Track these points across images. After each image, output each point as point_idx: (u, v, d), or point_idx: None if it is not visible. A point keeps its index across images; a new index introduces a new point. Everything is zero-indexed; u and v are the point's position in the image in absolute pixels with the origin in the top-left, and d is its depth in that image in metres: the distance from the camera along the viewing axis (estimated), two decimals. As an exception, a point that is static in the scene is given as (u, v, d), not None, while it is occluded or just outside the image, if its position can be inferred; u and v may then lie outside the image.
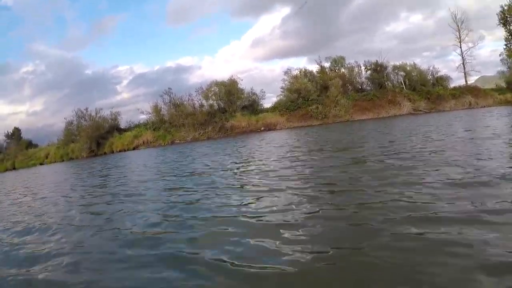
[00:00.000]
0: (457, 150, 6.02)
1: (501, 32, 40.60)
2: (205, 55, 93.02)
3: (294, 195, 4.00)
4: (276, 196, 4.12)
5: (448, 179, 3.81)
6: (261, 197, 4.17)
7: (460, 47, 43.16)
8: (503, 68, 42.13)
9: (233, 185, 5.41)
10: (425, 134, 9.68)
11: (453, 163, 4.71)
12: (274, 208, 3.58)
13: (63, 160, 37.52)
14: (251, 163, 7.91)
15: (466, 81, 43.13)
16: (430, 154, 5.83)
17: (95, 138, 35.72)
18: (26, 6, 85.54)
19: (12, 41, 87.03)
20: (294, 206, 3.52)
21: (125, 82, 76.91)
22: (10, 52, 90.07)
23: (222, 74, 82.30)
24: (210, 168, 8.02)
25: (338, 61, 37.41)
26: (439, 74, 41.36)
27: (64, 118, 38.39)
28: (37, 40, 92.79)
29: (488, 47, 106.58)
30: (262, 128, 32.71)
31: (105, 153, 35.31)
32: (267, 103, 37.59)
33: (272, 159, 8.34)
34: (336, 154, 7.60)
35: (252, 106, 34.70)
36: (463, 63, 43.39)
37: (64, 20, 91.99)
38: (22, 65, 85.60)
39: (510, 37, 40.39)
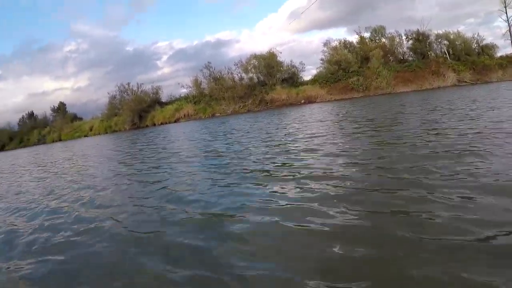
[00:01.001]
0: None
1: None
2: (243, 29, 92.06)
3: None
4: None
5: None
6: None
7: (506, 13, 40.42)
8: (556, 35, 39.37)
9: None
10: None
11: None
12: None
13: (106, 132, 39.25)
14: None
15: (513, 49, 40.92)
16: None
17: (137, 112, 36.93)
18: None
19: (55, 22, 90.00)
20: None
21: (165, 57, 78.33)
22: (54, 32, 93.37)
23: (261, 47, 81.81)
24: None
25: (378, 31, 36.17)
26: (485, 42, 39.15)
27: (108, 93, 39.84)
28: (79, 20, 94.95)
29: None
30: (302, 101, 32.72)
31: (147, 126, 36.58)
32: (307, 76, 37.30)
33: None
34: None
35: (292, 79, 34.55)
36: (509, 30, 40.84)
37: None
38: (65, 44, 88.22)
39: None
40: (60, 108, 46.30)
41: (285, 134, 8.57)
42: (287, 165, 4.65)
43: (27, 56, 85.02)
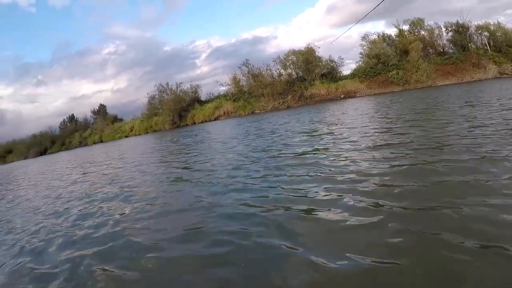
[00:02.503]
0: None
1: None
2: (280, 25, 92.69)
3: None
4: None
5: None
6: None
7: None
8: None
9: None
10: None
11: None
12: None
13: (147, 132, 40.40)
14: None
15: (557, 39, 39.62)
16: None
17: (177, 111, 37.88)
18: None
19: (91, 26, 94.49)
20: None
21: (203, 56, 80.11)
22: (91, 36, 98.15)
23: (298, 42, 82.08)
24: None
25: (417, 23, 35.83)
26: (526, 33, 38.07)
27: (147, 93, 41.11)
28: (115, 22, 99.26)
29: None
30: (342, 96, 32.79)
31: (187, 125, 37.45)
32: (346, 70, 37.33)
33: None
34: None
35: (331, 74, 34.70)
36: (551, 20, 39.72)
37: (138, 1, 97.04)
38: (103, 47, 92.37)
39: None
40: (101, 110, 48.16)
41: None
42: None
43: (65, 61, 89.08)
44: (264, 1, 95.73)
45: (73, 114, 52.13)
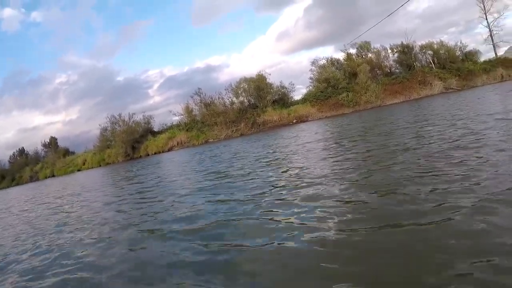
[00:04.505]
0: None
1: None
2: (233, 53, 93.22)
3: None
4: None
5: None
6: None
7: (486, 19, 41.70)
8: (534, 36, 40.64)
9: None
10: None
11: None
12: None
13: (100, 165, 38.81)
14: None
15: (495, 53, 41.94)
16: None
17: (130, 143, 36.66)
18: (54, 20, 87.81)
19: (44, 54, 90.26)
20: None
21: (156, 85, 78.72)
22: (43, 65, 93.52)
23: (250, 70, 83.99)
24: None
25: (364, 47, 36.78)
26: (468, 49, 40.15)
27: (99, 125, 39.51)
28: (68, 51, 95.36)
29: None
30: (294, 121, 32.84)
31: (140, 157, 36.22)
32: (297, 95, 37.63)
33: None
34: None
35: (282, 100, 34.74)
36: (490, 35, 42.02)
37: (92, 30, 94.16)
38: (56, 76, 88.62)
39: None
40: (52, 143, 45.88)
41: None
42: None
43: (17, 89, 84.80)
44: (217, 30, 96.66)
45: (23, 147, 49.52)
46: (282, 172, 6.13)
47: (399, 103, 31.78)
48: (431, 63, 37.64)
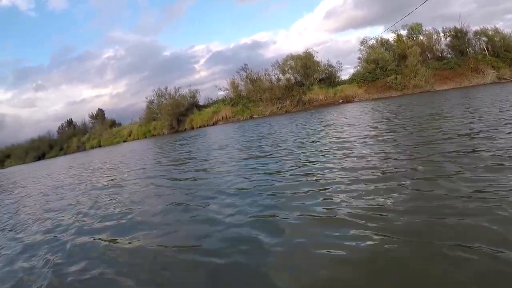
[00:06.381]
0: None
1: None
2: (279, 30, 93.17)
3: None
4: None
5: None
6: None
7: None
8: None
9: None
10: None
11: None
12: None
13: (145, 137, 40.25)
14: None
15: (555, 44, 39.78)
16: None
17: (176, 115, 37.76)
18: None
19: (91, 30, 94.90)
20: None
21: (202, 60, 80.00)
22: (91, 41, 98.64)
23: (297, 47, 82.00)
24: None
25: (415, 29, 35.93)
26: (525, 37, 38.23)
27: (145, 98, 40.97)
28: (114, 28, 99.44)
29: None
30: (341, 101, 32.76)
31: (185, 129, 37.30)
32: (344, 75, 37.27)
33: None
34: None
35: (329, 79, 34.66)
36: (549, 25, 39.93)
37: (137, 6, 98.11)
38: (103, 52, 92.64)
39: None
40: (99, 115, 48.08)
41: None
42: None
43: (65, 65, 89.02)
44: (264, 7, 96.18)
45: (71, 119, 52.09)
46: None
47: (449, 90, 31.01)
48: (484, 50, 36.23)
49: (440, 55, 36.12)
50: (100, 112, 48.25)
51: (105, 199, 5.48)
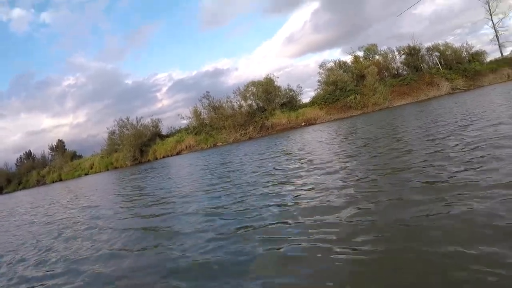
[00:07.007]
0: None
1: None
2: (241, 56, 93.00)
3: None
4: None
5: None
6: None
7: (492, 20, 41.94)
8: (539, 34, 41.02)
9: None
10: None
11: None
12: None
13: (107, 169, 38.84)
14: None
15: (501, 53, 42.17)
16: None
17: (138, 146, 36.66)
18: (63, 21, 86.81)
19: (52, 56, 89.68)
20: None
21: (164, 89, 78.33)
22: (51, 67, 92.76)
23: (259, 73, 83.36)
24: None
25: (371, 49, 36.87)
26: (474, 50, 40.26)
27: (107, 128, 39.53)
28: (77, 53, 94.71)
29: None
30: (303, 124, 32.90)
31: (149, 160, 36.24)
32: (305, 98, 37.72)
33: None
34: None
35: (290, 103, 34.77)
36: (496, 36, 42.25)
37: (101, 32, 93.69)
38: (64, 79, 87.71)
39: (543, 1, 39.10)
40: (59, 146, 45.88)
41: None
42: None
43: (25, 92, 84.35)
44: (226, 33, 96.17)
45: (30, 151, 49.44)
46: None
47: (407, 104, 31.97)
48: (438, 64, 37.67)
49: (396, 72, 37.22)
50: (60, 144, 46.06)
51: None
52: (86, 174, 40.68)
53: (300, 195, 4.62)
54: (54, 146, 46.33)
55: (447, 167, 4.29)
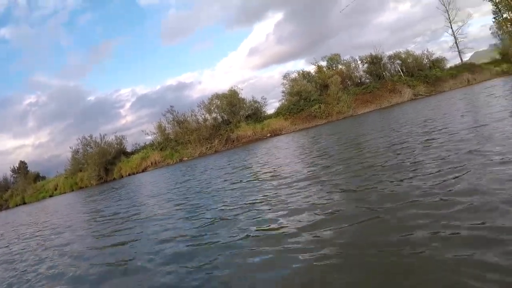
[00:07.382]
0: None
1: (487, 7, 41.18)
2: (205, 69, 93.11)
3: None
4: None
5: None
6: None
7: (451, 27, 43.71)
8: (495, 41, 42.93)
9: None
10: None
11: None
12: None
13: (72, 190, 37.49)
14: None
15: (461, 59, 43.70)
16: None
17: (103, 165, 35.62)
18: (23, 38, 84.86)
19: (12, 74, 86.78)
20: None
21: (128, 105, 77.34)
22: (11, 85, 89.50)
23: (223, 86, 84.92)
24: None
25: (334, 59, 37.53)
26: (434, 56, 41.60)
27: (70, 147, 38.24)
28: (37, 71, 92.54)
29: (477, 24, 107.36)
30: (268, 135, 32.79)
31: (114, 179, 35.23)
32: (270, 109, 37.84)
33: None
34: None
35: (255, 115, 34.69)
36: (455, 42, 43.89)
37: (62, 49, 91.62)
38: (24, 98, 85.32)
39: (497, 10, 40.91)
40: (21, 168, 44.02)
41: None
42: None
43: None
44: (189, 47, 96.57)
45: (-10, 174, 47.17)
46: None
47: (371, 112, 32.40)
48: (399, 71, 38.58)
49: (359, 81, 37.87)
50: (23, 165, 44.23)
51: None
52: (50, 196, 39.16)
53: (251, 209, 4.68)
54: (16, 168, 44.44)
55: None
